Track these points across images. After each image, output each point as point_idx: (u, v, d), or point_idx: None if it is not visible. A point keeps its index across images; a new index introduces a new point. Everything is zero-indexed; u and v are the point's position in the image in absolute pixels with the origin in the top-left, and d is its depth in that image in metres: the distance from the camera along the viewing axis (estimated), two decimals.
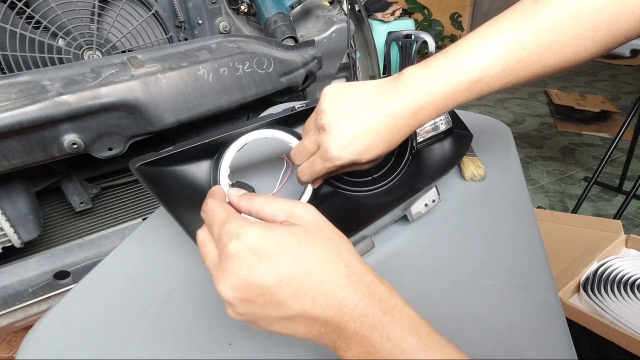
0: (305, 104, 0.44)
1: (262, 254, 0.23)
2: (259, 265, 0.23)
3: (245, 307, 0.24)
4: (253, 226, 0.24)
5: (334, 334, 0.23)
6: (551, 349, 0.32)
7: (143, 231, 0.50)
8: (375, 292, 0.23)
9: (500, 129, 0.69)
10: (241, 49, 0.83)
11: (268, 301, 0.23)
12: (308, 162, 0.37)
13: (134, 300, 0.39)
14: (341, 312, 0.23)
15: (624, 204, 1.46)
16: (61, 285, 0.82)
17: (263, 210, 0.27)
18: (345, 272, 0.24)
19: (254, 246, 0.23)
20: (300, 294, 0.23)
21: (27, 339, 0.36)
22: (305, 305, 0.23)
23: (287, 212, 0.26)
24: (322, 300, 0.23)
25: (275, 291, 0.23)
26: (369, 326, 0.22)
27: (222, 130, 0.39)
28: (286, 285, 0.23)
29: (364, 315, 0.22)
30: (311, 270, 0.23)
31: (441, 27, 3.46)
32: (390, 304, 0.23)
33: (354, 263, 0.24)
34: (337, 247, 0.25)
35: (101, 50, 0.86)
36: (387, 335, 0.22)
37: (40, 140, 0.67)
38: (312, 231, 0.25)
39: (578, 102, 2.82)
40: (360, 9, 1.24)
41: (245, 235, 0.24)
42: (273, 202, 0.27)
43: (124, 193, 1.04)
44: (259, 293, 0.23)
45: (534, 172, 2.06)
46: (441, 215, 0.49)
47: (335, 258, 0.24)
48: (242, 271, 0.23)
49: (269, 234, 0.24)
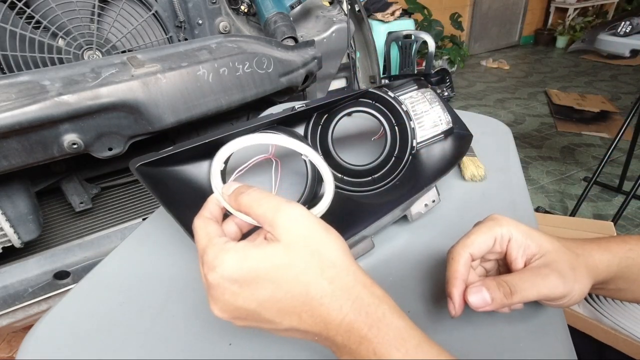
0: (305, 104, 0.44)
1: (241, 282, 0.23)
2: (240, 292, 0.23)
3: (240, 322, 0.25)
4: (227, 254, 0.24)
5: (327, 342, 0.24)
6: (551, 349, 0.32)
7: (143, 231, 0.50)
8: (361, 306, 0.23)
9: (500, 129, 0.69)
10: (241, 49, 0.83)
11: (257, 319, 0.24)
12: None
13: (134, 300, 0.39)
14: (327, 328, 0.23)
15: (623, 204, 1.46)
16: (61, 285, 0.82)
17: (250, 214, 0.26)
18: (329, 290, 0.23)
19: (230, 276, 0.23)
20: (286, 313, 0.23)
21: (27, 339, 0.36)
22: (293, 321, 0.24)
23: (269, 220, 0.25)
24: (308, 317, 0.23)
25: (262, 312, 0.24)
26: (355, 340, 0.22)
27: (222, 130, 0.39)
28: (270, 307, 0.23)
29: (350, 331, 0.23)
30: (292, 292, 0.23)
31: (441, 27, 3.46)
32: (377, 316, 0.23)
33: (338, 278, 0.24)
34: (321, 263, 0.24)
35: (101, 50, 0.86)
36: (374, 349, 0.22)
37: (40, 140, 0.67)
38: (292, 248, 0.24)
39: (578, 102, 2.82)
40: (360, 9, 1.24)
41: (219, 266, 0.23)
42: (259, 205, 0.26)
43: (124, 193, 1.04)
44: (247, 314, 0.24)
45: (533, 172, 2.06)
46: (441, 215, 0.49)
47: (318, 276, 0.23)
48: (225, 298, 0.24)
49: (244, 260, 0.23)
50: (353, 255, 0.26)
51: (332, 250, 0.24)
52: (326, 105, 0.47)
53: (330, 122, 0.48)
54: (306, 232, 0.24)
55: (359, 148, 0.58)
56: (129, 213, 1.01)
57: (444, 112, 0.53)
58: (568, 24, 4.53)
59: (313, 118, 0.49)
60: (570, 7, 4.46)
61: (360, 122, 0.59)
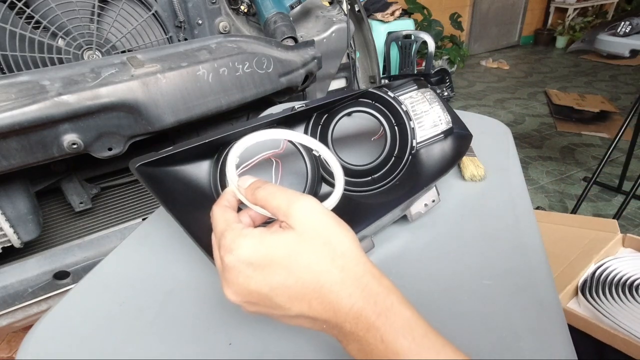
0: (305, 104, 0.44)
1: (256, 265, 0.24)
2: (254, 276, 0.24)
3: (251, 308, 0.26)
4: (245, 238, 0.25)
5: (334, 330, 0.24)
6: (551, 349, 0.32)
7: (143, 231, 0.50)
8: (370, 295, 0.24)
9: (500, 129, 0.69)
10: (241, 49, 0.83)
11: (269, 304, 0.25)
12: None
13: (134, 300, 0.39)
14: (336, 315, 0.24)
15: (623, 204, 1.46)
16: (61, 285, 0.82)
17: (266, 206, 0.27)
18: (339, 278, 0.24)
19: (246, 259, 0.24)
20: (296, 300, 0.24)
21: (27, 339, 0.36)
22: (303, 308, 0.24)
23: (284, 211, 0.26)
24: (318, 304, 0.24)
25: (273, 297, 0.24)
26: (363, 327, 0.23)
27: (222, 130, 0.39)
28: (281, 293, 0.24)
29: (358, 317, 0.23)
30: (304, 279, 0.24)
31: (441, 27, 3.46)
32: (386, 305, 0.23)
33: (348, 267, 0.24)
34: (332, 252, 0.24)
35: (101, 50, 0.86)
36: (381, 337, 0.23)
37: (40, 140, 0.67)
38: (305, 237, 0.25)
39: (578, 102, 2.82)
40: (360, 9, 1.24)
41: (237, 249, 0.25)
42: (274, 198, 0.27)
43: (124, 193, 1.04)
44: (258, 298, 0.25)
45: (533, 172, 2.06)
46: (441, 215, 0.49)
47: (329, 265, 0.24)
48: (239, 281, 0.25)
49: (260, 245, 0.25)
50: None
51: (342, 241, 0.25)
52: (326, 105, 0.47)
53: (330, 122, 0.48)
54: (319, 223, 0.25)
55: (358, 148, 0.58)
56: (129, 213, 1.01)
57: (443, 112, 0.53)
58: (568, 24, 4.53)
59: (313, 118, 0.49)
60: (570, 7, 4.47)
61: (360, 122, 0.59)
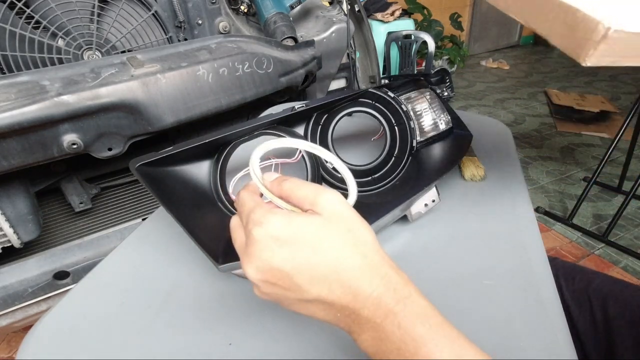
0: (305, 104, 0.44)
1: (282, 240, 0.25)
2: (279, 251, 0.25)
3: (268, 288, 0.26)
4: (275, 215, 0.26)
5: (349, 319, 0.25)
6: (551, 349, 0.32)
7: (143, 231, 0.50)
8: (389, 283, 0.24)
9: (500, 129, 0.69)
10: (241, 49, 0.83)
11: (287, 284, 0.25)
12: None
13: (134, 300, 0.39)
14: (355, 300, 0.24)
15: (623, 204, 1.46)
16: (61, 285, 0.82)
17: (291, 196, 0.28)
18: (361, 263, 0.25)
19: (274, 233, 0.25)
20: (317, 281, 0.24)
21: (27, 339, 0.36)
22: (322, 291, 0.24)
23: (311, 200, 0.27)
24: (338, 287, 0.24)
25: (294, 276, 0.25)
26: (381, 313, 0.23)
27: (222, 130, 0.39)
28: (304, 271, 0.24)
29: (377, 304, 0.24)
30: (327, 260, 0.24)
31: (441, 27, 3.46)
32: (404, 294, 0.24)
33: (370, 255, 0.25)
34: (355, 240, 0.25)
35: (101, 51, 0.86)
36: (399, 323, 0.23)
37: (40, 140, 0.67)
38: (332, 222, 0.25)
39: (578, 102, 2.82)
40: (360, 9, 1.24)
41: (267, 223, 0.25)
42: (300, 189, 0.27)
43: (124, 193, 1.04)
44: (279, 276, 0.25)
45: (533, 172, 2.06)
46: (441, 215, 0.49)
47: (352, 250, 0.25)
48: (264, 256, 0.25)
49: (289, 223, 0.25)
50: None
51: (364, 231, 0.26)
52: (326, 105, 0.47)
53: (330, 122, 0.48)
54: (343, 213, 0.26)
55: (358, 148, 0.58)
56: (129, 213, 1.01)
57: (443, 112, 0.53)
58: None
59: (313, 118, 0.49)
60: None
61: (360, 122, 0.59)
